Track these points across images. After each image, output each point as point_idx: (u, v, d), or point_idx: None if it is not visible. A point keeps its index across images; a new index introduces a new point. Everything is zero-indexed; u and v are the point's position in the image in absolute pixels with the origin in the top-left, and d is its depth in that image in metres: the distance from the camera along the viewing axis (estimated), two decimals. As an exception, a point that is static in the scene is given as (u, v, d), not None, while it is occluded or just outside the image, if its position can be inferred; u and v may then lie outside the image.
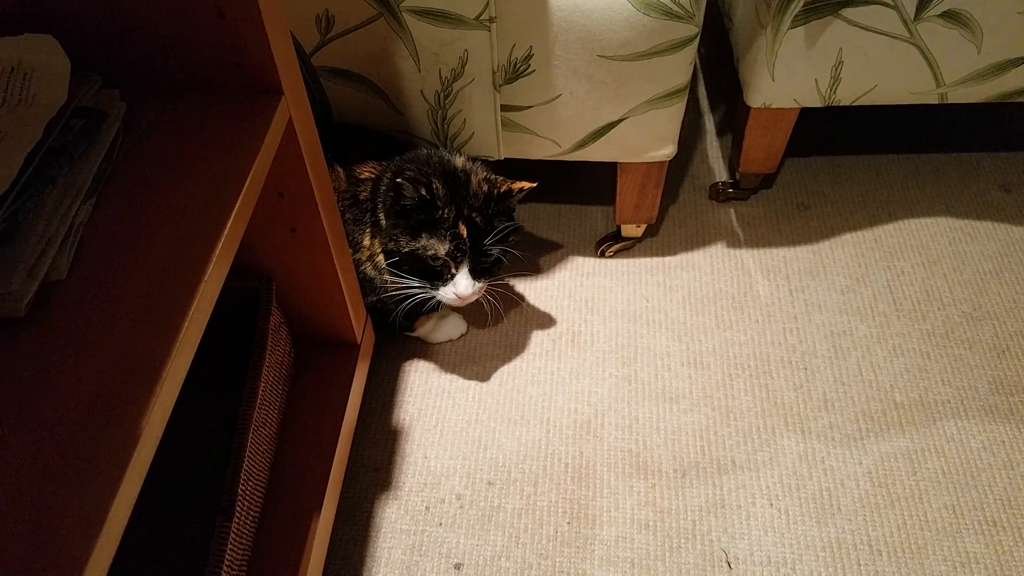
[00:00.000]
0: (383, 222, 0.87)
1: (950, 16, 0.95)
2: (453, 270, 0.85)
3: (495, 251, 0.86)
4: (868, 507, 0.90)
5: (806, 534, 0.87)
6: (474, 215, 0.84)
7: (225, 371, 0.82)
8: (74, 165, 0.56)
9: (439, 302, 0.98)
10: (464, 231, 0.83)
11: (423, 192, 0.81)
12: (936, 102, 1.07)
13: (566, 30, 0.85)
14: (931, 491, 0.91)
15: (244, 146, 0.59)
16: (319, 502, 0.78)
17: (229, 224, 0.54)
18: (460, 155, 0.90)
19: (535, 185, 0.87)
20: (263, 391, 0.74)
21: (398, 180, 0.80)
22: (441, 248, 0.83)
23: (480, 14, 0.82)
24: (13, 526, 0.39)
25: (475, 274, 0.85)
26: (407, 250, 0.84)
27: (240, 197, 0.56)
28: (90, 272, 0.52)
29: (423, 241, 0.83)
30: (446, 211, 0.83)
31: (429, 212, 0.82)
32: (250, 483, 0.71)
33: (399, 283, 0.87)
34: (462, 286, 0.85)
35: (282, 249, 0.78)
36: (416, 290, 0.87)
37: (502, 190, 0.86)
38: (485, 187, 0.86)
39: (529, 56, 0.88)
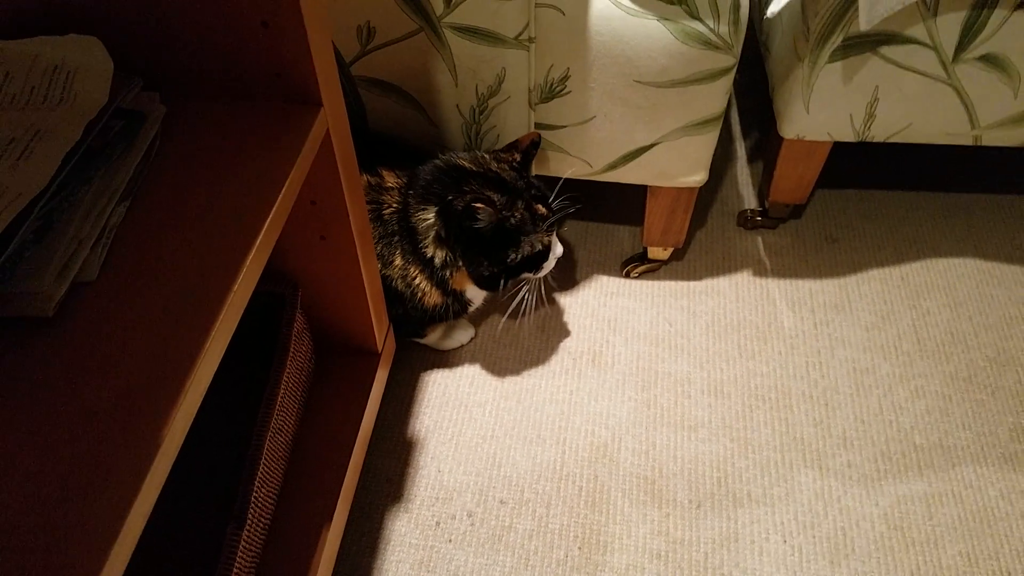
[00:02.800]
0: (434, 255, 0.88)
1: (988, 60, 0.94)
2: (547, 241, 0.89)
3: (558, 204, 0.90)
4: (882, 550, 0.88)
5: (818, 574, 0.86)
6: (533, 192, 0.88)
7: (245, 374, 0.81)
8: (111, 166, 0.56)
9: (463, 310, 0.98)
10: (543, 209, 0.87)
11: (502, 214, 0.84)
12: (970, 144, 1.06)
13: (604, 54, 0.85)
14: (947, 537, 0.89)
15: (281, 155, 0.59)
16: (331, 511, 0.78)
17: (262, 233, 0.54)
18: (452, 155, 0.90)
19: (539, 133, 0.93)
20: (282, 398, 0.74)
21: (475, 204, 0.81)
22: (545, 237, 0.88)
23: (520, 34, 0.82)
24: (32, 530, 0.39)
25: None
26: (521, 258, 0.87)
27: (275, 206, 0.56)
28: (120, 275, 0.52)
29: (526, 244, 0.87)
30: (516, 211, 0.86)
31: (511, 224, 0.85)
32: (263, 490, 0.71)
33: (497, 287, 0.91)
34: (559, 248, 0.91)
35: (310, 256, 0.78)
36: (524, 283, 0.92)
37: (519, 160, 0.90)
38: (506, 166, 0.89)
39: (566, 77, 0.88)
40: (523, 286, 0.97)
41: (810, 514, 0.91)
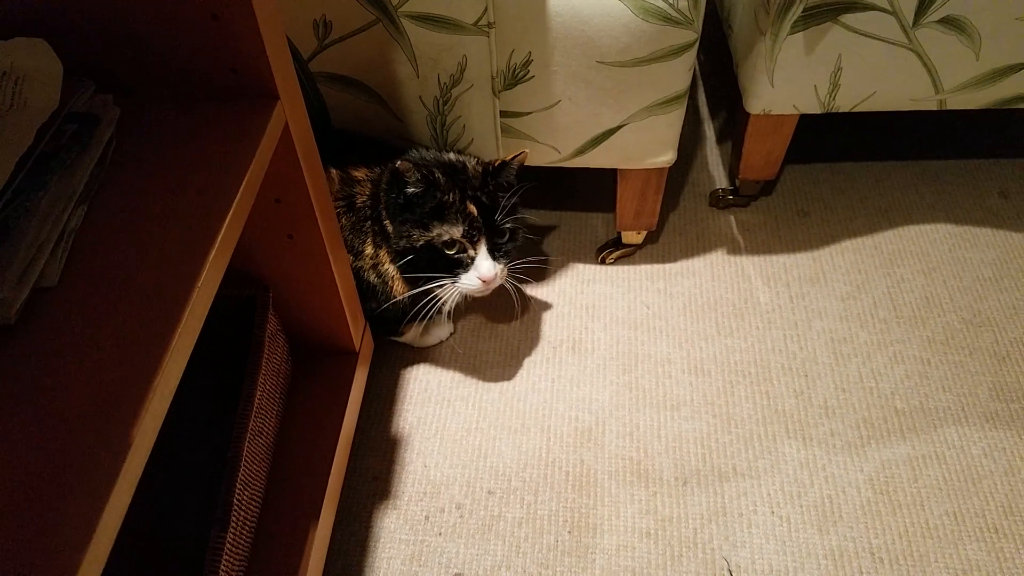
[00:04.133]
0: (389, 228, 0.86)
1: (948, 22, 0.95)
2: (472, 252, 0.85)
3: (508, 225, 0.86)
4: (869, 515, 0.89)
5: (808, 542, 0.86)
6: (478, 194, 0.85)
7: (222, 379, 0.81)
8: (66, 170, 0.55)
9: (437, 308, 0.98)
10: (474, 209, 0.83)
11: (424, 173, 0.81)
12: (935, 108, 1.07)
13: (565, 36, 0.85)
14: (932, 498, 0.90)
15: (239, 151, 0.58)
16: (317, 511, 0.77)
17: (223, 230, 0.54)
18: (450, 152, 0.92)
19: (527, 152, 0.88)
20: (259, 400, 0.73)
21: (398, 164, 0.81)
22: (455, 231, 0.83)
23: (479, 19, 0.81)
24: (2, 536, 0.38)
25: (493, 255, 0.86)
26: (422, 243, 0.84)
27: (235, 203, 0.55)
28: (82, 279, 0.51)
29: (436, 229, 0.83)
30: (451, 195, 0.83)
31: (434, 198, 0.83)
32: (246, 493, 0.70)
33: (418, 285, 0.87)
34: (484, 268, 0.84)
35: (279, 256, 0.77)
36: (438, 285, 0.86)
37: (497, 164, 0.87)
38: (480, 168, 0.88)
39: (528, 62, 0.88)
40: (443, 291, 0.88)
41: (796, 484, 0.91)
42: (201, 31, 0.57)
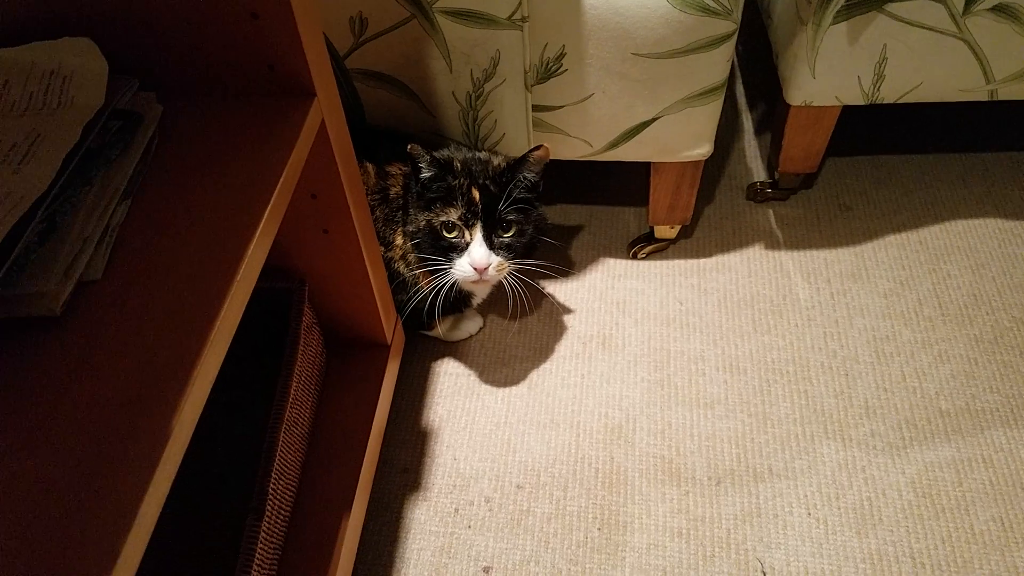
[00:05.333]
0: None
1: (1001, 10, 0.92)
2: (467, 237, 0.84)
3: (511, 217, 0.85)
4: (911, 518, 0.86)
5: (845, 545, 0.85)
6: (488, 183, 0.85)
7: (258, 371, 0.82)
8: (111, 166, 0.56)
9: (462, 304, 0.98)
10: (476, 195, 0.84)
11: (434, 156, 0.82)
12: (985, 99, 1.03)
13: (600, 28, 0.84)
14: (978, 502, 0.87)
15: (277, 148, 0.59)
16: (349, 502, 0.78)
17: (261, 225, 0.55)
18: (483, 151, 0.92)
19: (547, 146, 0.85)
20: (295, 391, 0.74)
21: (409, 147, 0.82)
22: (454, 213, 0.83)
23: (512, 14, 0.81)
24: (45, 522, 0.40)
25: (491, 245, 0.85)
26: (423, 223, 0.85)
27: (272, 198, 0.56)
28: (125, 272, 0.52)
29: (437, 211, 0.84)
30: (460, 180, 0.84)
31: (444, 182, 0.84)
32: (281, 482, 0.72)
33: (424, 268, 0.87)
34: (476, 253, 0.83)
35: (314, 250, 0.78)
36: (439, 269, 0.86)
37: (517, 158, 0.86)
38: (504, 164, 0.87)
39: (561, 55, 0.87)
40: (441, 277, 0.87)
41: (834, 486, 0.90)
42: (241, 29, 0.58)
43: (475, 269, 0.84)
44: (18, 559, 0.38)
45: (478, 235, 0.84)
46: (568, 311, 1.10)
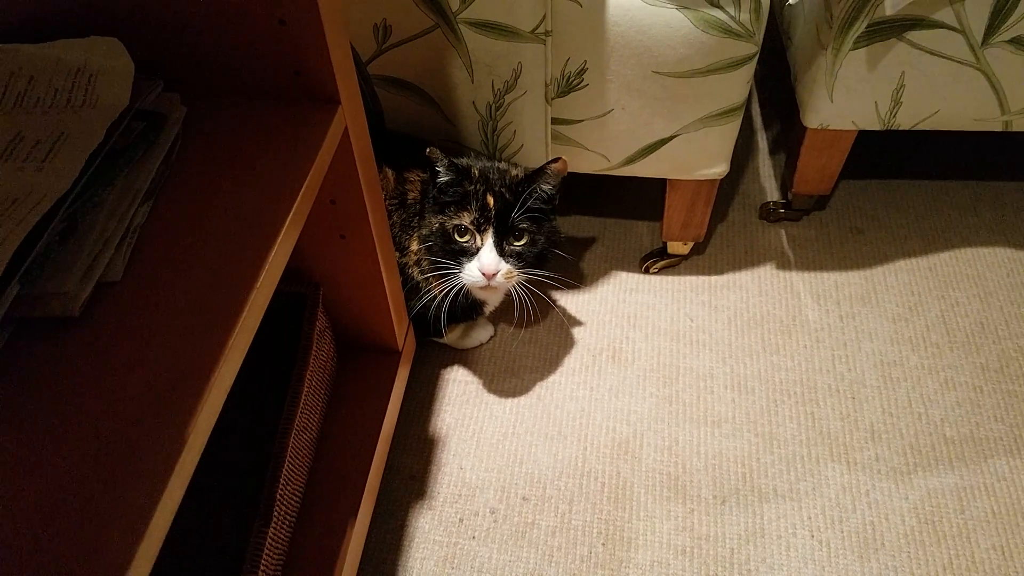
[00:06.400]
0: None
1: (1020, 42, 0.92)
2: (478, 243, 0.84)
3: (523, 225, 0.85)
4: (913, 544, 0.86)
5: (847, 568, 0.85)
6: (503, 191, 0.85)
7: (269, 374, 0.82)
8: (133, 167, 0.56)
9: (473, 312, 0.98)
10: (491, 201, 0.84)
11: (451, 160, 0.83)
12: (1000, 130, 1.04)
13: (622, 45, 0.84)
14: (979, 531, 0.87)
15: (300, 153, 0.59)
16: (355, 508, 0.78)
17: (283, 230, 0.55)
18: (502, 162, 0.93)
19: (564, 159, 0.85)
20: (305, 396, 0.74)
21: (427, 150, 0.82)
22: (467, 217, 0.84)
23: (536, 27, 0.81)
24: (59, 525, 0.40)
25: (502, 252, 0.84)
26: (436, 225, 0.85)
27: (295, 204, 0.56)
28: (145, 275, 0.52)
29: (450, 214, 0.84)
30: (477, 185, 0.85)
31: (460, 186, 0.84)
32: (289, 487, 0.72)
33: (434, 271, 0.88)
34: (486, 259, 0.83)
35: (330, 255, 0.78)
36: (449, 273, 0.86)
37: (534, 170, 0.86)
38: (521, 175, 0.88)
39: (583, 70, 0.87)
40: (450, 282, 0.87)
41: (838, 508, 0.90)
42: (268, 35, 0.58)
43: (483, 274, 0.84)
44: (32, 564, 0.38)
45: (489, 241, 0.84)
46: (579, 323, 1.10)
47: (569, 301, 1.13)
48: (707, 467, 0.94)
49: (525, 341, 1.08)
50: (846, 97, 0.99)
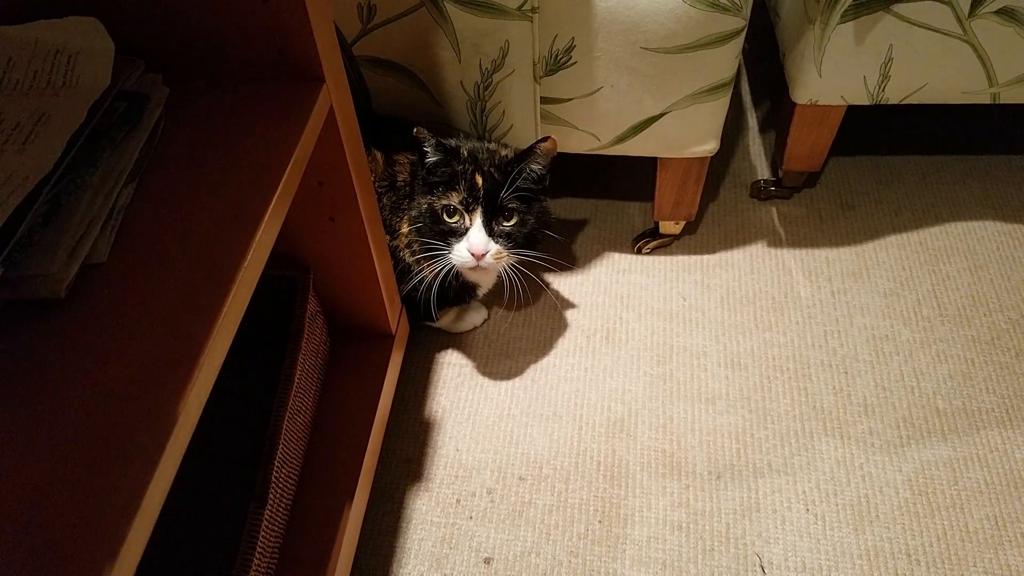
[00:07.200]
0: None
1: (1006, 13, 0.92)
2: (467, 223, 0.84)
3: (512, 205, 0.84)
4: (907, 515, 0.87)
5: (842, 541, 0.85)
6: (492, 170, 0.85)
7: (261, 358, 0.82)
8: (116, 148, 0.56)
9: (466, 295, 0.98)
10: (479, 181, 0.84)
11: (439, 140, 0.82)
12: (988, 102, 1.04)
13: (609, 21, 0.84)
14: (973, 501, 0.88)
15: (286, 133, 0.59)
16: (351, 491, 0.78)
17: (269, 210, 0.54)
18: (491, 142, 0.92)
19: (553, 138, 0.84)
20: (299, 379, 0.74)
21: (415, 130, 0.82)
22: (455, 197, 0.83)
23: (522, 4, 0.81)
24: (50, 506, 0.39)
25: (491, 232, 0.84)
26: (425, 206, 0.85)
27: (281, 183, 0.56)
28: (130, 255, 0.52)
29: (439, 194, 0.84)
30: (465, 165, 0.84)
31: (448, 166, 0.84)
32: (284, 470, 0.71)
33: (424, 253, 0.87)
34: (475, 239, 0.83)
35: (320, 238, 0.77)
36: (436, 252, 0.85)
37: (523, 149, 0.86)
38: (510, 154, 0.87)
39: (571, 48, 0.87)
40: (439, 263, 0.87)
41: (832, 482, 0.90)
42: (250, 14, 0.58)
43: (472, 255, 0.83)
44: (24, 543, 0.38)
45: (478, 221, 0.83)
46: (572, 305, 1.10)
47: (562, 283, 1.13)
48: (702, 444, 0.94)
49: (519, 323, 1.08)
50: (834, 72, 0.99)
